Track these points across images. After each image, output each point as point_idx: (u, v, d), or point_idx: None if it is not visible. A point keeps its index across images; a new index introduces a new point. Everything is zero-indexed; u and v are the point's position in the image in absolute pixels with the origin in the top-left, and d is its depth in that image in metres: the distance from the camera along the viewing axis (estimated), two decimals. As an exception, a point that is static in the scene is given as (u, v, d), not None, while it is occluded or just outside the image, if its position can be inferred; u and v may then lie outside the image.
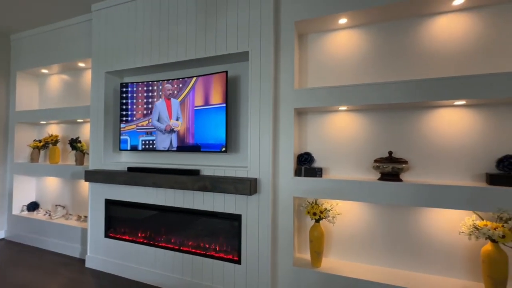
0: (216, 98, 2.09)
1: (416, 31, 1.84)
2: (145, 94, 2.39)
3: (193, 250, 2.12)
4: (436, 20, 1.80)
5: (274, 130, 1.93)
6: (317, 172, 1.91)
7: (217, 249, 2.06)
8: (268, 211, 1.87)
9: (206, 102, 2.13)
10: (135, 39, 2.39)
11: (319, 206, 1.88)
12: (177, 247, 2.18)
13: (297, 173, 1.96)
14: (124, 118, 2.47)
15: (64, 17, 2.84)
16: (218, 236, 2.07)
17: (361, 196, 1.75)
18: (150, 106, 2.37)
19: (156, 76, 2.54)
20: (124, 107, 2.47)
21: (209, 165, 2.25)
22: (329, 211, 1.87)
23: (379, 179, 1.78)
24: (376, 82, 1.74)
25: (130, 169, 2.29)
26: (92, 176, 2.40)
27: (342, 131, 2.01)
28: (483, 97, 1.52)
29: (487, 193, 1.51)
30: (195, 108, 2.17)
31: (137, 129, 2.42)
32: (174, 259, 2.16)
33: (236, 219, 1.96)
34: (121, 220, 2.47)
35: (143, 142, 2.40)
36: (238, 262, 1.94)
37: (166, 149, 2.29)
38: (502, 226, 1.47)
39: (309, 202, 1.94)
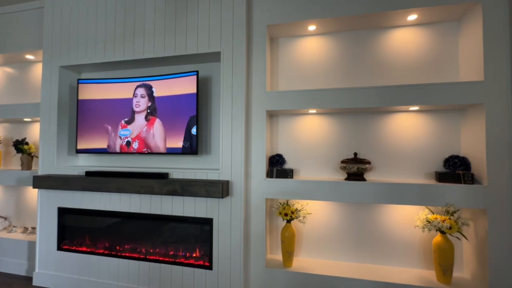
0: (188, 99, 2.02)
1: (377, 42, 2.00)
2: (109, 92, 2.21)
3: (161, 258, 2.00)
4: (395, 32, 1.97)
5: (246, 132, 1.92)
6: (288, 174, 1.95)
7: (187, 255, 1.97)
8: (240, 214, 1.85)
9: (178, 104, 2.04)
10: (95, 31, 2.21)
11: (290, 207, 1.92)
12: (143, 256, 2.04)
13: (269, 174, 1.98)
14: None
15: (9, 2, 2.50)
16: (188, 241, 1.99)
17: (330, 196, 1.82)
18: (115, 105, 2.19)
19: (121, 73, 2.37)
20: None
21: (179, 168, 2.16)
22: (300, 211, 1.91)
23: (346, 179, 1.88)
24: (342, 88, 1.84)
25: (89, 174, 2.09)
26: (43, 182, 2.13)
27: (311, 133, 2.09)
28: (433, 103, 1.70)
29: (436, 189, 1.68)
30: (167, 110, 2.07)
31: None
32: (140, 269, 2.02)
33: (207, 223, 1.91)
34: (78, 230, 2.23)
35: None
36: (209, 267, 1.89)
37: (131, 151, 2.14)
38: (449, 218, 1.66)
39: (280, 203, 1.97)
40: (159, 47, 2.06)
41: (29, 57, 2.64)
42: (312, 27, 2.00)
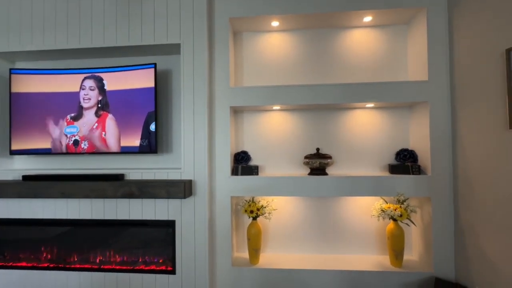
0: (145, 93, 1.87)
1: (337, 40, 2.07)
2: (52, 85, 1.94)
3: (118, 267, 1.84)
4: (352, 32, 2.06)
5: (209, 129, 1.85)
6: (253, 170, 1.93)
7: (147, 261, 1.85)
8: (204, 214, 1.78)
9: (133, 99, 1.88)
10: (31, 13, 1.92)
11: (256, 203, 1.91)
12: (96, 267, 1.85)
13: (234, 172, 1.94)
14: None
15: None
16: (148, 247, 1.86)
17: (294, 191, 1.85)
18: (60, 98, 1.93)
19: (65, 63, 2.10)
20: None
21: (136, 168, 2.00)
22: (265, 207, 1.91)
23: (309, 174, 1.93)
24: (305, 84, 1.87)
25: (27, 178, 1.82)
26: (-34, 189, 1.80)
27: (276, 129, 2.10)
28: (386, 100, 1.82)
29: (389, 181, 1.81)
30: (121, 105, 1.89)
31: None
32: (93, 282, 1.83)
33: (169, 225, 1.80)
34: (14, 243, 1.94)
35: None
36: (173, 272, 1.79)
37: (79, 151, 1.92)
38: (400, 207, 1.80)
39: (246, 201, 1.95)
40: (111, 36, 1.86)
41: None
42: (275, 23, 1.99)
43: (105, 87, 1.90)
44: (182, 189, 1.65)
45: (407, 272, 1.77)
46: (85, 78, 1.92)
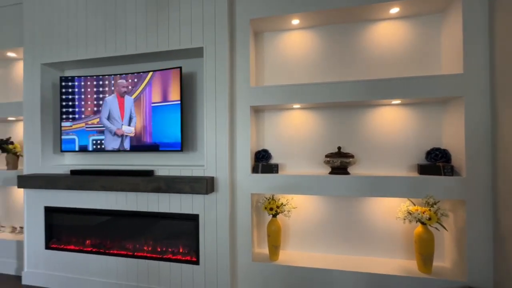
0: (172, 94, 2.00)
1: (361, 35, 1.99)
2: (95, 89, 2.18)
3: (149, 255, 2.02)
4: (378, 25, 1.97)
5: (230, 128, 1.92)
6: (273, 169, 1.96)
7: (174, 251, 1.99)
8: (225, 209, 1.86)
9: (163, 99, 2.03)
10: (77, 27, 2.17)
11: (275, 201, 1.94)
12: (131, 253, 2.05)
13: (255, 170, 1.99)
14: (70, 116, 2.22)
15: (-14, -2, 2.44)
16: (175, 238, 2.01)
17: (314, 190, 1.84)
18: (101, 102, 2.17)
19: (103, 70, 2.34)
20: (69, 103, 2.22)
21: (164, 165, 2.16)
22: (285, 205, 1.93)
23: (330, 173, 1.90)
24: (326, 82, 1.84)
25: (74, 172, 2.08)
26: (28, 181, 2.12)
27: (297, 128, 2.10)
28: (414, 96, 1.72)
29: (417, 182, 1.71)
30: (152, 105, 2.05)
31: (87, 127, 2.20)
32: (128, 266, 2.03)
33: (193, 219, 1.92)
34: (65, 229, 2.23)
35: (94, 142, 2.19)
36: (197, 262, 1.91)
37: (117, 149, 2.13)
38: (429, 210, 1.69)
39: (266, 198, 1.99)
40: (141, 43, 2.03)
41: (11, 54, 2.59)
42: (295, 21, 1.99)
43: (140, 91, 2.08)
44: (204, 185, 1.75)
45: (437, 279, 1.66)
46: (122, 82, 2.11)
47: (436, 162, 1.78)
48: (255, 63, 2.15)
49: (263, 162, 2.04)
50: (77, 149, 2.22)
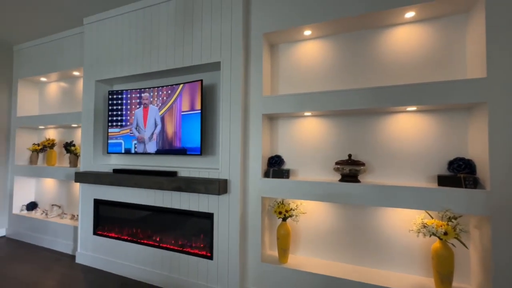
0: (197, 104, 2.24)
1: (373, 42, 1.96)
2: (138, 101, 2.54)
3: (171, 247, 2.26)
4: (392, 31, 1.92)
5: (243, 134, 2.07)
6: (284, 174, 2.04)
7: (193, 245, 2.20)
8: (237, 210, 2.00)
9: (190, 108, 2.26)
10: (122, 50, 2.58)
11: (285, 205, 2.01)
12: (157, 244, 2.33)
13: (266, 174, 2.09)
14: (119, 123, 2.62)
15: (60, 29, 3.06)
16: (193, 233, 2.22)
17: (322, 196, 1.86)
18: (138, 112, 2.53)
19: (143, 84, 2.72)
20: (118, 112, 2.63)
21: (186, 167, 2.40)
22: (294, 210, 1.99)
23: (340, 180, 1.90)
24: (337, 90, 1.87)
25: (115, 171, 2.46)
26: (82, 177, 2.58)
27: (309, 135, 2.14)
28: (430, 103, 1.63)
29: (435, 193, 1.61)
30: (182, 113, 2.30)
31: (130, 133, 2.57)
32: (154, 255, 2.31)
33: (208, 217, 2.11)
34: (108, 219, 2.64)
35: (135, 145, 2.54)
36: (211, 258, 2.08)
37: (153, 152, 2.45)
38: (447, 224, 1.57)
39: (277, 202, 2.07)
40: (170, 60, 2.33)
41: (75, 73, 3.18)
42: (307, 32, 2.06)
43: (169, 101, 2.37)
44: (217, 186, 1.92)
45: (456, 301, 1.52)
46: (153, 94, 2.44)
47: (459, 173, 1.65)
48: (271, 73, 2.27)
49: (275, 167, 2.13)
50: (123, 151, 2.60)
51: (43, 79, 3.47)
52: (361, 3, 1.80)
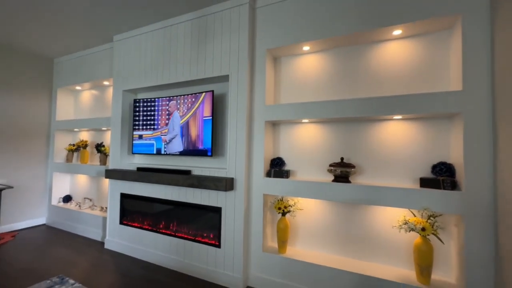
0: (207, 111, 2.55)
1: (365, 56, 2.17)
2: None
3: (185, 236, 2.59)
4: (381, 46, 2.11)
5: (248, 139, 2.35)
6: (283, 174, 2.29)
7: (203, 235, 2.51)
8: (242, 205, 2.28)
9: (200, 116, 2.58)
10: (145, 64, 2.96)
11: (284, 202, 2.26)
12: (173, 233, 2.67)
13: (268, 174, 2.35)
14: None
15: (92, 45, 3.52)
16: (204, 224, 2.53)
17: (317, 195, 2.10)
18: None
19: (162, 93, 3.09)
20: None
21: (199, 166, 2.72)
22: (292, 206, 2.23)
23: (333, 180, 2.12)
24: (331, 100, 2.09)
25: (139, 169, 2.84)
26: (110, 174, 2.99)
27: (307, 139, 2.38)
28: (412, 112, 1.82)
29: (416, 194, 1.79)
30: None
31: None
32: (171, 243, 2.65)
33: (217, 211, 2.41)
34: (132, 210, 3.02)
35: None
36: (219, 246, 2.38)
37: (169, 153, 2.80)
38: (427, 221, 1.75)
39: (277, 199, 2.33)
40: (187, 73, 2.66)
41: (105, 83, 3.63)
42: (306, 47, 2.30)
43: (186, 109, 2.71)
44: (224, 184, 2.21)
45: (433, 290, 1.70)
46: (173, 101, 2.79)
47: (440, 176, 1.82)
48: (274, 83, 2.53)
49: (276, 168, 2.39)
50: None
51: (78, 87, 3.97)
52: (352, 23, 2.02)
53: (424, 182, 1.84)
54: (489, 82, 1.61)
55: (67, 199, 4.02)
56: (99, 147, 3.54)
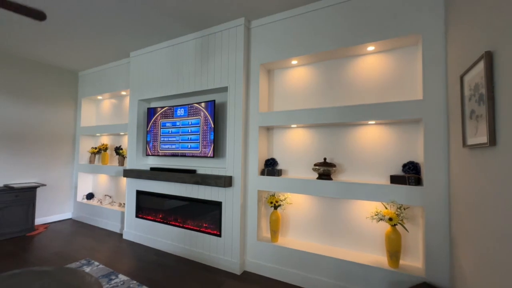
0: (209, 118, 2.93)
1: (344, 68, 2.47)
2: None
3: (191, 227, 2.96)
4: (358, 60, 2.41)
5: (244, 142, 2.70)
6: (275, 173, 2.62)
7: (206, 226, 2.87)
8: (239, 200, 2.63)
9: (204, 122, 2.96)
10: (157, 76, 3.39)
11: (275, 197, 2.58)
12: (181, 225, 3.05)
13: (262, 173, 2.69)
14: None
15: (112, 60, 4.00)
16: (207, 217, 2.89)
17: (303, 190, 2.40)
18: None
19: (170, 102, 3.50)
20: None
21: (202, 166, 3.09)
22: (282, 201, 2.55)
23: (317, 178, 2.42)
24: (315, 108, 2.41)
25: (152, 169, 3.25)
26: (128, 173, 3.42)
27: (295, 142, 2.69)
28: (385, 118, 2.10)
29: (386, 189, 2.06)
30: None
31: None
32: (179, 233, 3.03)
33: (218, 205, 2.76)
34: (146, 205, 3.44)
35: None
36: (220, 236, 2.73)
37: (177, 154, 3.20)
38: (395, 213, 2.02)
39: (270, 195, 2.65)
40: (192, 85, 3.05)
41: (123, 93, 4.10)
42: (294, 61, 2.63)
43: (193, 114, 3.10)
44: (223, 181, 2.57)
45: (400, 273, 1.97)
46: (180, 110, 3.19)
47: (408, 173, 2.09)
48: (268, 92, 2.87)
49: (269, 167, 2.72)
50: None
51: (99, 97, 4.48)
52: (333, 41, 2.33)
53: (394, 179, 2.11)
54: (444, 92, 1.88)
55: (90, 196, 4.52)
56: (118, 150, 4.00)
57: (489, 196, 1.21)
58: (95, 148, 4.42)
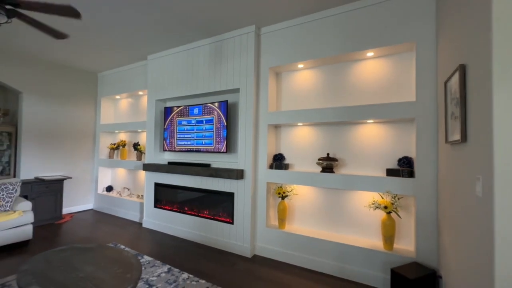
0: (223, 116, 3.21)
1: (346, 72, 2.70)
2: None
3: (206, 216, 3.27)
4: (359, 64, 2.64)
5: (254, 138, 2.97)
6: (283, 166, 2.89)
7: (220, 214, 3.17)
8: (249, 191, 2.91)
9: (217, 120, 3.25)
10: (173, 78, 3.68)
11: (283, 188, 2.86)
12: (196, 214, 3.36)
13: (270, 167, 2.96)
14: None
15: (130, 62, 4.31)
16: (220, 206, 3.19)
17: (308, 182, 2.67)
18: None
19: (185, 102, 3.79)
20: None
21: (216, 160, 3.38)
22: (289, 192, 2.83)
23: (321, 171, 2.68)
24: (320, 108, 2.66)
25: (169, 163, 3.56)
26: (147, 167, 3.74)
27: (302, 139, 2.95)
28: (381, 118, 2.34)
29: (382, 180, 2.32)
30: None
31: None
32: (195, 222, 3.34)
33: (231, 195, 3.05)
34: (164, 196, 3.76)
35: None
36: (232, 223, 3.03)
37: (193, 150, 3.50)
38: (390, 202, 2.28)
39: (278, 186, 2.93)
40: (206, 86, 3.33)
41: (140, 93, 4.41)
42: (300, 65, 2.88)
43: (207, 113, 3.39)
44: (235, 174, 2.85)
45: (394, 254, 2.23)
46: (196, 109, 3.48)
47: (403, 167, 2.33)
48: (276, 93, 3.13)
49: (277, 162, 2.99)
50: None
51: (117, 97, 4.80)
52: (336, 47, 2.56)
53: (389, 172, 2.36)
54: (434, 95, 2.11)
55: (110, 188, 4.87)
56: (136, 146, 4.33)
57: (461, 183, 1.46)
58: (114, 144, 4.76)
